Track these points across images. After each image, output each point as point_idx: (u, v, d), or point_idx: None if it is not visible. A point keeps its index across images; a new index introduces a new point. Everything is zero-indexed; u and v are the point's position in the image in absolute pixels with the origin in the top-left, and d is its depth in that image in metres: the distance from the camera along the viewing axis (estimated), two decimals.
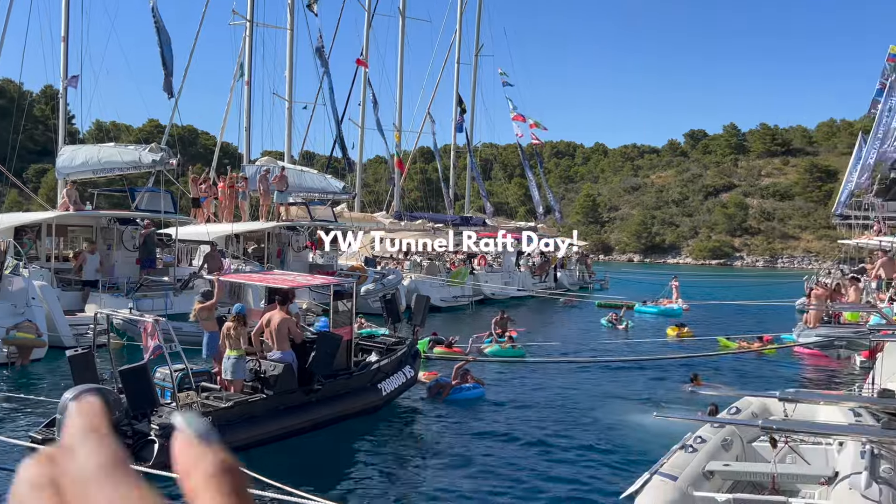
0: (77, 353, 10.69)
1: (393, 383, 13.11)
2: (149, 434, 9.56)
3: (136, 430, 9.64)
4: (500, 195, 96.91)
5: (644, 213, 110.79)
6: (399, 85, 43.59)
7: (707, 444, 7.32)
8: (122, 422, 9.62)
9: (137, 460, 9.11)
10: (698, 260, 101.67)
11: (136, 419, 9.73)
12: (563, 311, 33.42)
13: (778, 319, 27.93)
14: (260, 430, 10.65)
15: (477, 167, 51.24)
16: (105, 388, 9.81)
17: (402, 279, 29.08)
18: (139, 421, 9.74)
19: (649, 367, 17.97)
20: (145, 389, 9.75)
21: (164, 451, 9.28)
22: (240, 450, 10.01)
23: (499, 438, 11.54)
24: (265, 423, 10.77)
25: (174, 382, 10.38)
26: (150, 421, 9.77)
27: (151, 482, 0.68)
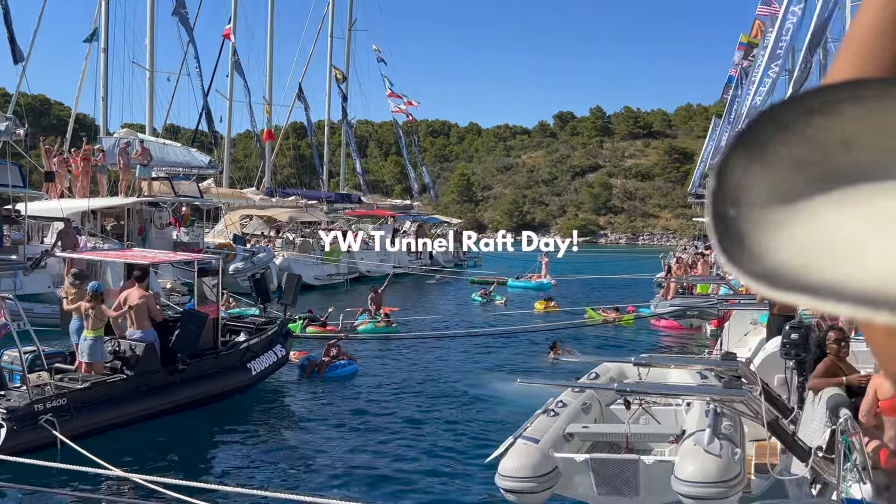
0: None
1: (263, 363, 12.85)
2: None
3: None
4: (376, 173, 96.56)
5: (516, 192, 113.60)
6: (269, 58, 42.36)
7: (567, 408, 7.66)
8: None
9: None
10: (566, 237, 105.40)
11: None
12: (437, 287, 33.84)
13: (639, 293, 29.44)
14: (120, 411, 10.18)
15: (353, 143, 50.73)
16: None
17: (273, 257, 28.48)
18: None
19: (517, 340, 18.54)
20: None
21: (14, 435, 8.72)
22: (99, 432, 9.55)
23: (372, 414, 11.59)
24: (125, 404, 10.30)
25: (24, 364, 9.72)
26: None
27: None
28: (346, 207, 43.32)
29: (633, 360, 8.11)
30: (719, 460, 6.08)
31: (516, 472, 6.31)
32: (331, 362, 14.15)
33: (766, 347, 10.07)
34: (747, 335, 12.76)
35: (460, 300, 28.35)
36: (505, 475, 6.35)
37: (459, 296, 29.82)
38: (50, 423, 9.08)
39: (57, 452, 8.43)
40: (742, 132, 0.33)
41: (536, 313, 24.19)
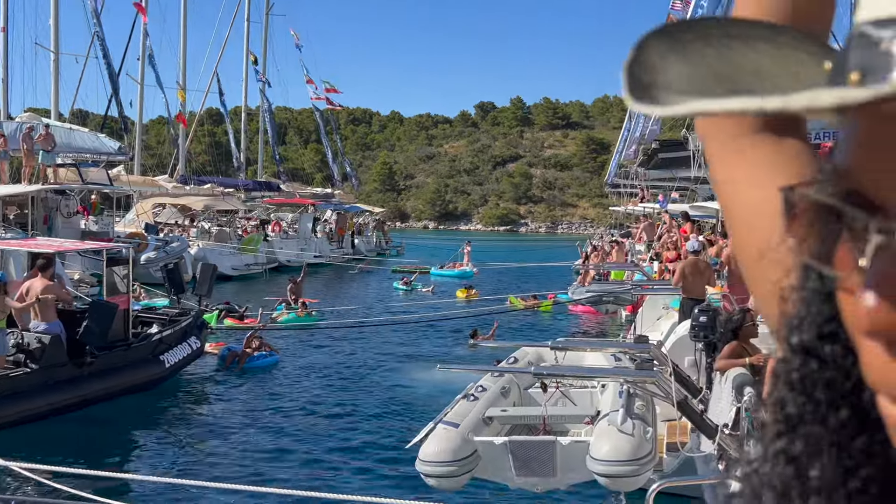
0: None
1: (177, 355, 12.49)
2: None
3: None
4: (296, 161, 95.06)
5: (438, 181, 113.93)
6: (182, 40, 41.02)
7: (487, 393, 7.74)
8: None
9: None
10: (488, 226, 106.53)
11: None
12: (359, 277, 33.63)
13: (558, 280, 29.99)
14: (25, 406, 9.72)
15: (272, 130, 49.74)
16: None
17: (187, 247, 27.68)
18: None
19: (439, 328, 18.61)
20: None
21: None
22: (2, 429, 9.10)
23: (292, 404, 11.44)
24: (31, 399, 9.84)
25: None
26: None
27: None
28: (264, 196, 42.46)
29: (551, 345, 8.24)
30: (632, 439, 6.26)
31: (436, 457, 6.34)
32: (251, 353, 13.89)
33: (676, 330, 10.42)
34: (660, 319, 13.16)
35: (382, 290, 28.27)
36: (425, 460, 6.37)
37: (382, 285, 29.73)
38: None
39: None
40: (670, 26, 0.38)
41: (458, 301, 24.36)
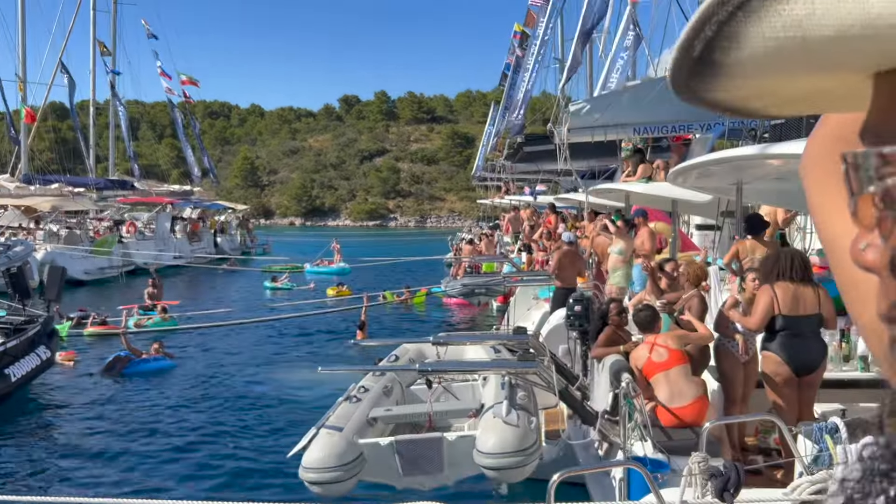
0: None
1: (24, 367, 11.48)
2: None
3: None
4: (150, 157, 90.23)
5: (304, 176, 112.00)
6: (20, 29, 37.88)
7: (370, 393, 7.53)
8: None
9: None
10: (357, 221, 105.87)
11: None
12: (224, 277, 32.36)
13: (430, 274, 30.12)
14: None
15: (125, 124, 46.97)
16: None
17: (32, 250, 25.58)
18: None
19: (313, 327, 18.18)
20: None
21: None
22: None
23: (162, 415, 10.78)
24: None
25: None
26: None
27: None
28: (118, 195, 40.04)
29: (432, 340, 8.15)
30: (517, 430, 6.26)
31: (321, 463, 6.08)
32: (141, 356, 13.23)
33: (550, 320, 10.63)
34: (530, 310, 13.44)
35: (250, 290, 27.34)
36: (309, 467, 6.10)
37: (250, 285, 28.74)
38: None
39: None
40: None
41: (329, 299, 23.94)
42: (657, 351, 6.36)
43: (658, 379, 6.37)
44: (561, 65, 27.79)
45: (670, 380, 6.29)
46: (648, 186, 12.19)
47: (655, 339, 6.45)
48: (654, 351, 6.37)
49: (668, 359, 6.32)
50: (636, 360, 6.55)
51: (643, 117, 13.37)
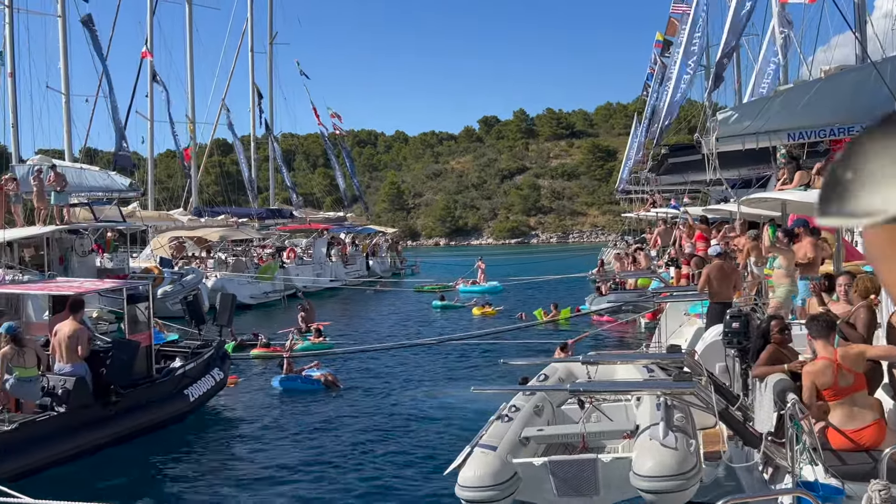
0: None
1: (201, 388, 12.42)
2: None
3: None
4: (305, 185, 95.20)
5: (447, 197, 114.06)
6: (189, 75, 41.33)
7: (521, 412, 7.59)
8: None
9: None
10: (499, 240, 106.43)
11: None
12: (376, 298, 33.50)
13: (576, 291, 29.85)
14: (54, 451, 9.65)
15: (280, 157, 49.97)
16: None
17: (202, 278, 27.72)
18: None
19: (462, 348, 18.47)
20: None
21: None
22: (32, 474, 9.03)
23: (322, 432, 11.33)
24: (59, 442, 9.77)
25: None
26: None
27: None
28: (278, 223, 42.59)
29: (582, 359, 8.11)
30: (676, 453, 6.11)
31: (477, 482, 6.20)
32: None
33: (704, 337, 10.24)
34: (682, 326, 13.00)
35: (403, 310, 28.15)
36: (465, 486, 6.24)
37: (401, 306, 29.61)
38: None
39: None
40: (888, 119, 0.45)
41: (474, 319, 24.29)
42: (843, 375, 5.98)
43: (836, 402, 6.01)
44: (707, 72, 26.88)
45: (847, 402, 5.93)
46: (807, 194, 11.53)
47: (837, 360, 6.03)
48: (839, 375, 5.99)
49: (854, 383, 5.96)
50: (819, 381, 6.09)
51: (798, 122, 12.67)
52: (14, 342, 9.88)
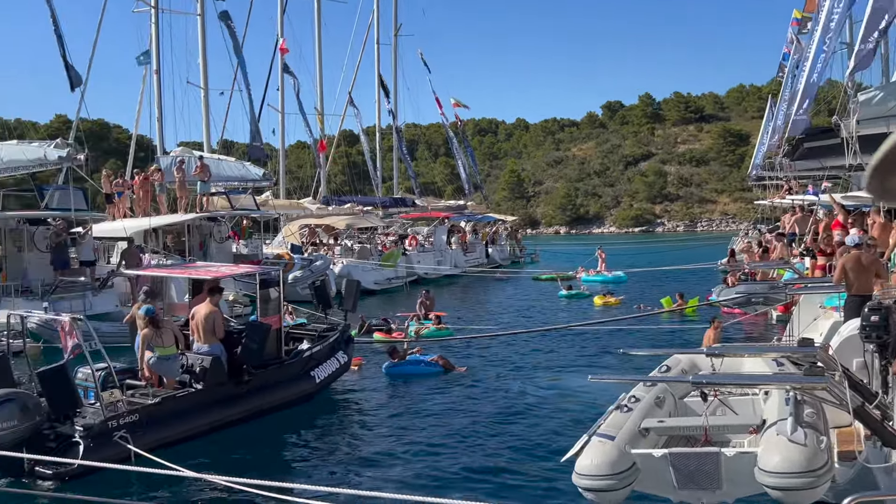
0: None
1: (326, 370, 12.94)
2: (73, 436, 9.17)
3: (59, 434, 9.23)
4: (427, 175, 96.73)
5: (568, 185, 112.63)
6: (318, 68, 42.85)
7: (641, 403, 7.45)
8: (44, 426, 9.20)
9: (62, 464, 8.73)
10: (622, 228, 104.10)
11: (58, 422, 9.32)
12: (495, 286, 33.64)
13: (702, 281, 28.85)
14: (191, 424, 10.35)
15: (404, 148, 51.03)
16: (22, 392, 9.34)
17: (330, 264, 28.76)
18: (62, 423, 9.33)
19: (582, 336, 18.28)
20: (66, 390, 9.34)
21: (91, 451, 8.92)
22: (170, 445, 9.72)
23: (441, 416, 11.54)
24: (196, 417, 10.47)
25: (97, 382, 9.96)
26: (74, 423, 9.37)
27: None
28: (400, 211, 43.58)
29: (706, 351, 7.84)
30: (805, 449, 5.83)
31: (594, 470, 6.16)
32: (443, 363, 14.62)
33: (841, 331, 9.65)
34: (816, 320, 12.30)
35: (521, 298, 28.13)
36: (582, 474, 6.20)
37: (520, 294, 29.60)
38: (124, 439, 9.27)
39: (132, 466, 8.57)
40: None
41: (596, 308, 23.94)
42: None
43: None
44: (849, 49, 25.15)
45: None
46: None
47: None
48: None
49: None
50: None
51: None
52: (152, 324, 10.65)
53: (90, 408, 9.92)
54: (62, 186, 22.37)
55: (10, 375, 10.03)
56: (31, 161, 21.38)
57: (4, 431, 8.75)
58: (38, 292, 18.73)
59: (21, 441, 8.83)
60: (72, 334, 9.83)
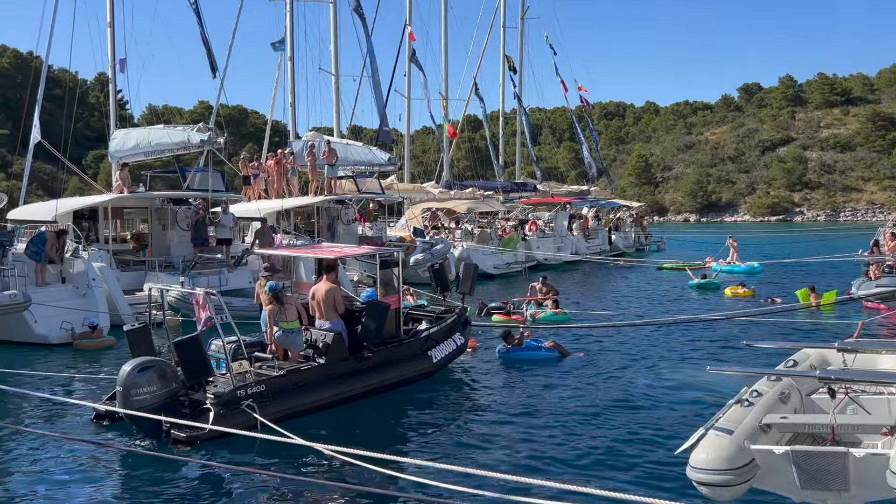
0: (134, 328, 10.96)
1: (443, 350, 13.13)
2: (204, 403, 9.77)
3: (193, 400, 9.87)
4: (550, 160, 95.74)
5: (699, 171, 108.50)
6: (444, 53, 43.25)
7: (764, 398, 7.10)
8: (180, 393, 9.85)
9: (194, 428, 9.33)
10: (756, 217, 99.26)
11: (192, 389, 9.96)
12: (618, 274, 32.89)
13: (842, 274, 27.14)
14: (314, 397, 10.79)
15: (528, 132, 50.71)
16: (161, 359, 10.04)
17: (450, 248, 29.07)
18: (195, 391, 9.96)
19: (706, 327, 17.65)
20: (199, 360, 9.95)
21: (220, 418, 9.49)
22: (293, 416, 10.16)
23: (554, 401, 11.47)
24: (318, 390, 10.90)
25: (227, 353, 10.56)
26: (206, 391, 9.99)
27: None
28: (521, 196, 43.38)
29: (837, 346, 7.38)
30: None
31: (710, 465, 5.93)
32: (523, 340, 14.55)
33: None
34: None
35: (644, 287, 27.42)
36: (698, 467, 5.99)
37: (643, 283, 28.85)
38: (251, 408, 9.79)
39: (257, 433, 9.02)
40: None
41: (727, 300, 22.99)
42: None
43: None
44: None
45: None
46: None
47: None
48: None
49: None
50: None
51: None
52: (276, 300, 11.14)
53: (221, 377, 10.55)
54: (202, 168, 23.76)
55: (151, 345, 10.83)
56: (176, 144, 22.85)
57: (144, 395, 9.45)
58: (179, 268, 20.02)
59: (159, 405, 9.50)
60: (205, 307, 10.46)
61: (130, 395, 9.41)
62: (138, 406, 9.32)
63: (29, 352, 15.76)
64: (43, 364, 14.46)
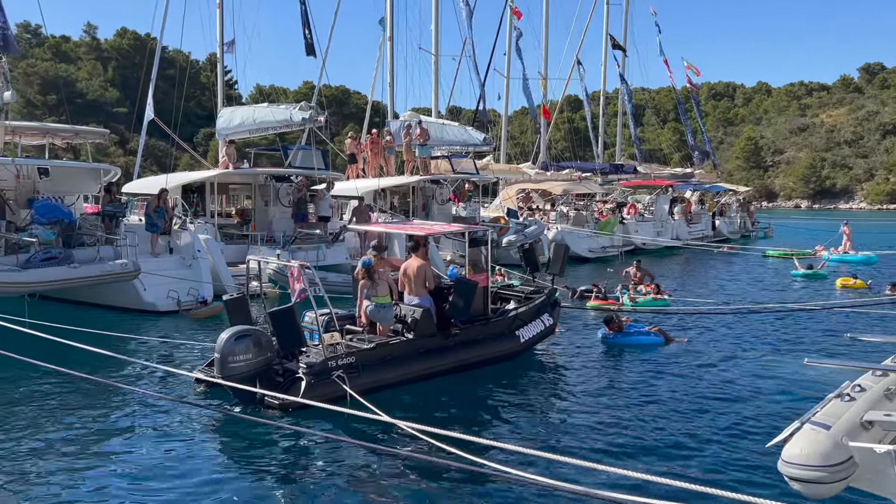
0: (232, 298, 11.40)
1: (531, 331, 13.04)
2: (297, 372, 10.08)
3: (286, 369, 10.20)
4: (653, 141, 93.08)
5: (813, 155, 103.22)
6: (545, 31, 42.67)
7: (867, 393, 6.70)
8: (274, 361, 10.19)
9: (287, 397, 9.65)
10: (874, 205, 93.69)
11: (286, 359, 10.28)
12: (721, 261, 31.70)
13: None
14: (401, 370, 10.94)
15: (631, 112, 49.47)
16: (257, 329, 10.40)
17: (543, 230, 28.79)
18: (289, 360, 10.28)
19: (811, 318, 16.84)
20: (293, 330, 10.26)
21: (311, 387, 9.77)
22: (381, 389, 10.35)
23: (645, 387, 11.23)
24: (406, 364, 11.05)
25: (320, 325, 10.84)
26: (298, 360, 10.29)
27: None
28: (620, 178, 42.42)
29: None
30: None
31: (804, 460, 5.65)
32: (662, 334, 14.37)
33: None
34: None
35: (748, 275, 26.36)
36: (790, 462, 5.72)
37: (747, 270, 27.74)
38: (341, 379, 10.03)
39: (346, 405, 9.25)
40: None
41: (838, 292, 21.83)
42: None
43: None
44: None
45: None
46: None
47: None
48: None
49: None
50: None
51: None
52: (368, 275, 11.32)
53: (313, 348, 10.85)
54: (304, 146, 24.39)
55: (248, 314, 11.24)
56: (279, 122, 23.52)
57: (240, 363, 9.81)
58: (279, 242, 20.68)
59: (255, 373, 9.86)
60: (299, 280, 10.76)
61: (228, 361, 9.79)
62: (235, 372, 9.68)
63: (140, 319, 16.66)
64: (153, 329, 15.27)
